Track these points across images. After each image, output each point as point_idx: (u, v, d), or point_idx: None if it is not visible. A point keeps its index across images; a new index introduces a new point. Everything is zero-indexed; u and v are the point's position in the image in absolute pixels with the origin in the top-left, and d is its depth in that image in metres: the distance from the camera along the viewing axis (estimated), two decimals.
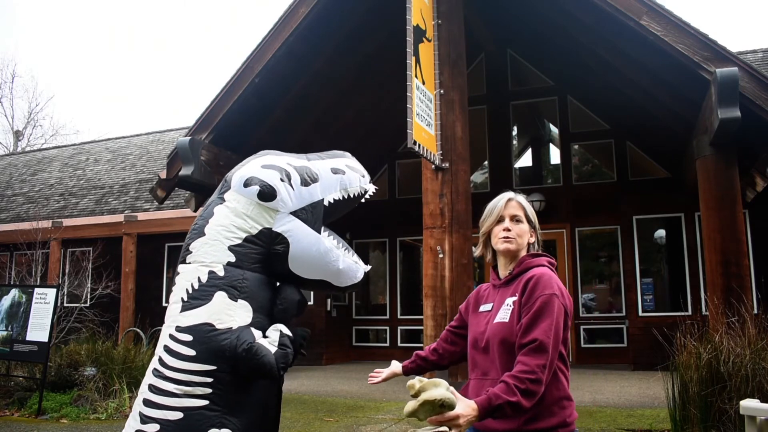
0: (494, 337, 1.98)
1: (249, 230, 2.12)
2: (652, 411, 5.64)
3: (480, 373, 2.03)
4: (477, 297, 2.24)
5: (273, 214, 2.13)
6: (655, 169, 10.26)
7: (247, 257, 2.11)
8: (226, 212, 2.15)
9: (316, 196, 2.21)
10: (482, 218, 2.18)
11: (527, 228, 2.10)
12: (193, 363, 1.99)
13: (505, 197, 2.15)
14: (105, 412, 6.15)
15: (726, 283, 6.16)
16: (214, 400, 1.99)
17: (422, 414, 1.69)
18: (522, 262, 2.07)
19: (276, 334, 2.08)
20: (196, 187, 8.74)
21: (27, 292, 7.05)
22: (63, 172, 16.09)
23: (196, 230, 2.18)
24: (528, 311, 1.90)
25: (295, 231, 2.14)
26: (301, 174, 2.19)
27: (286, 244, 2.14)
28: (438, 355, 2.38)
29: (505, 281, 2.08)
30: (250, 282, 2.10)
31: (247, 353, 1.98)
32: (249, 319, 2.07)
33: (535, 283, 1.94)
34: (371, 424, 5.52)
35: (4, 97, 37.45)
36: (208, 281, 2.07)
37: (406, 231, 11.28)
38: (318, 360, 10.67)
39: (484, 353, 2.02)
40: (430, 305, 7.07)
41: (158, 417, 1.99)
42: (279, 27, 7.98)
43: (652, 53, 6.82)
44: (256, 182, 2.12)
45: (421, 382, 1.71)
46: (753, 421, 2.57)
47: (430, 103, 7.04)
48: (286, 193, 2.13)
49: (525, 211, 2.11)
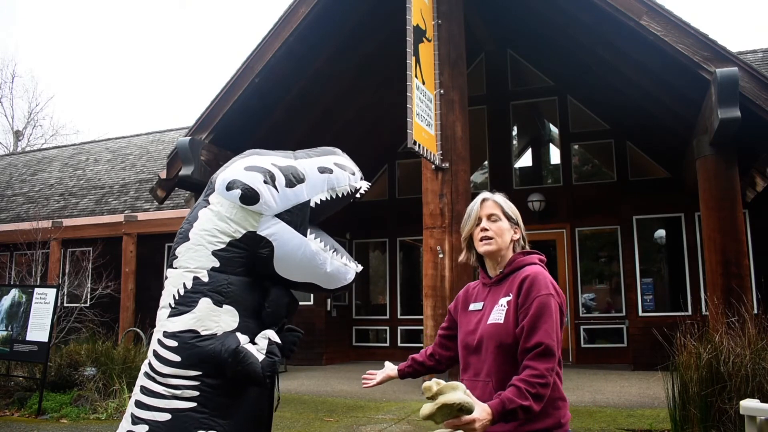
0: (489, 338, 1.96)
1: (233, 234, 2.09)
2: (652, 411, 5.64)
3: (472, 373, 2.02)
4: (466, 295, 2.20)
5: (257, 218, 2.09)
6: (655, 169, 10.25)
7: (231, 262, 2.09)
8: (209, 216, 2.12)
9: (302, 197, 2.15)
10: (462, 222, 2.16)
11: (507, 225, 2.06)
12: (179, 369, 2.01)
13: (480, 198, 2.12)
14: (105, 412, 6.15)
15: (726, 283, 6.16)
16: (202, 402, 2.00)
17: (439, 417, 1.68)
18: (513, 260, 2.05)
19: (264, 342, 2.06)
20: (196, 187, 8.74)
21: (27, 292, 7.05)
22: (63, 172, 16.08)
23: (181, 234, 2.17)
24: (526, 313, 1.89)
25: (280, 234, 2.10)
26: (285, 175, 2.14)
27: (271, 248, 2.10)
28: (435, 361, 2.36)
29: (497, 280, 2.06)
30: (235, 286, 2.08)
31: (233, 359, 1.98)
32: (235, 324, 2.06)
33: (530, 283, 1.92)
34: (371, 424, 5.52)
35: (4, 97, 37.46)
36: (192, 287, 2.06)
37: (406, 231, 11.27)
38: (318, 360, 10.67)
39: (476, 353, 2.01)
40: (430, 305, 7.07)
41: (147, 418, 2.01)
42: (279, 27, 7.99)
43: (652, 53, 6.82)
44: (238, 185, 2.08)
45: (438, 385, 1.69)
46: (753, 421, 2.57)
47: (430, 103, 7.04)
48: (269, 196, 2.09)
49: (502, 208, 2.08)
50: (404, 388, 7.63)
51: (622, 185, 10.38)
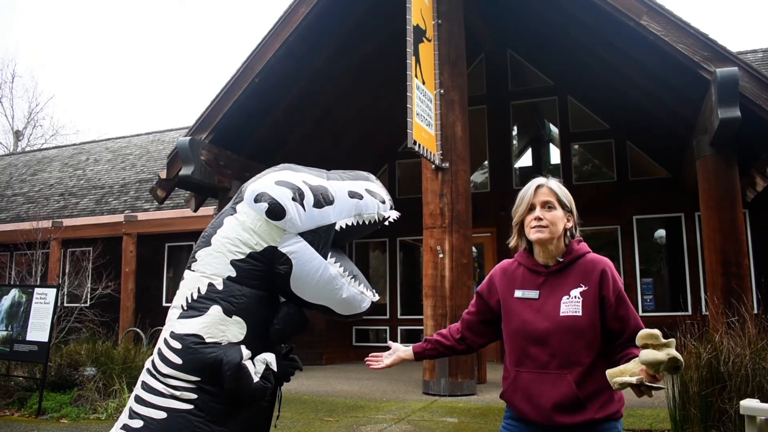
0: (565, 331, 1.91)
1: (254, 246, 2.08)
2: (652, 411, 5.63)
3: (535, 365, 1.94)
4: (506, 280, 2.10)
5: (280, 233, 2.07)
6: (655, 169, 10.25)
7: (248, 273, 2.08)
8: (234, 224, 2.12)
9: (328, 220, 2.12)
10: (514, 207, 2.10)
11: (561, 214, 2.02)
12: (179, 372, 2.01)
13: (535, 184, 2.07)
14: (105, 412, 6.14)
15: (726, 283, 6.16)
16: (199, 406, 2.00)
17: (660, 367, 1.64)
18: (573, 250, 2.02)
19: (261, 367, 2.05)
20: (196, 187, 8.74)
21: (27, 292, 7.05)
22: (63, 172, 16.08)
23: (204, 239, 2.17)
24: (618, 304, 1.94)
25: (300, 253, 2.08)
26: (315, 195, 2.10)
27: (289, 266, 2.07)
28: (466, 345, 2.24)
29: (556, 269, 2.01)
30: (248, 299, 2.07)
31: (231, 372, 1.97)
32: (241, 336, 2.05)
33: (612, 273, 1.97)
34: (371, 424, 5.52)
35: (4, 97, 37.50)
36: (206, 293, 2.06)
37: (406, 231, 11.26)
38: (318, 360, 10.67)
39: (541, 345, 1.93)
40: (430, 305, 7.07)
41: (143, 414, 2.02)
42: (279, 27, 7.99)
43: (652, 53, 6.82)
44: (266, 199, 2.06)
45: (659, 336, 1.67)
46: (753, 421, 2.57)
47: (430, 103, 7.04)
48: (295, 213, 2.06)
49: (557, 195, 2.03)
50: (404, 388, 7.63)
51: (622, 185, 10.38)
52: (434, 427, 5.33)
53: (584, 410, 1.86)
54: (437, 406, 6.30)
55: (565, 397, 1.87)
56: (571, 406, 1.87)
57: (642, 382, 1.65)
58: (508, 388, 2.02)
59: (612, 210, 10.13)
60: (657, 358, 1.62)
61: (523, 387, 1.96)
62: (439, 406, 6.30)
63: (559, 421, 1.88)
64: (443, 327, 6.91)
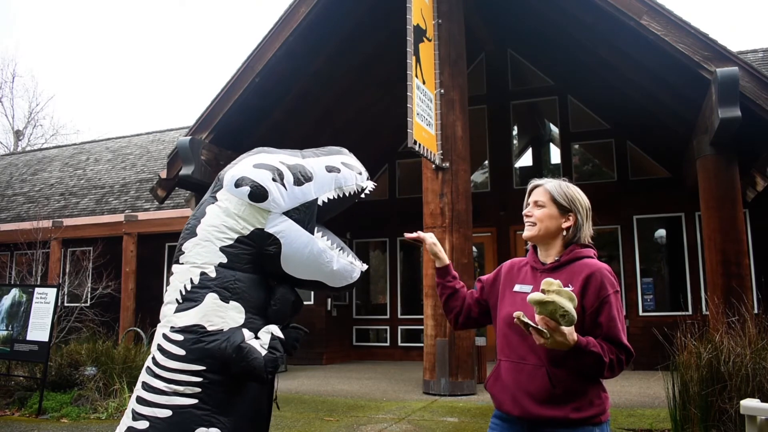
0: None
1: (241, 231, 2.11)
2: (652, 411, 5.64)
3: (516, 356, 1.99)
4: (510, 273, 2.16)
5: (265, 215, 2.11)
6: (655, 168, 10.25)
7: (239, 258, 2.10)
8: (217, 212, 2.14)
9: (310, 196, 2.18)
10: None
11: (553, 212, 2.04)
12: (183, 363, 2.01)
13: (531, 185, 2.16)
14: (105, 411, 6.15)
15: (726, 283, 6.17)
16: (204, 399, 2.00)
17: (540, 309, 1.71)
18: (571, 250, 2.03)
19: (267, 337, 2.07)
20: (197, 187, 8.74)
21: (27, 292, 7.05)
22: (63, 172, 16.09)
23: (188, 230, 2.17)
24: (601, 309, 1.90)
25: (288, 232, 2.12)
26: (294, 173, 2.16)
27: (278, 245, 2.11)
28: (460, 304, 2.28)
29: (551, 267, 2.03)
30: (242, 283, 2.09)
31: (237, 354, 1.98)
32: (241, 320, 2.07)
33: (601, 279, 1.92)
34: (371, 424, 5.52)
35: (4, 96, 37.40)
36: (199, 283, 2.07)
37: (407, 230, 11.22)
38: (318, 359, 10.67)
39: (521, 337, 1.97)
40: (430, 305, 7.08)
41: (148, 414, 2.01)
42: (279, 27, 7.99)
43: (652, 53, 6.82)
44: (247, 182, 2.09)
45: (559, 287, 1.73)
46: (753, 421, 2.57)
47: (431, 103, 7.04)
48: (278, 194, 2.10)
49: (551, 195, 2.06)
50: (404, 387, 7.64)
51: (623, 185, 10.38)
52: (434, 427, 5.33)
53: (558, 406, 1.88)
54: (437, 406, 6.31)
55: (539, 390, 1.90)
56: (544, 399, 1.89)
57: (528, 321, 1.74)
58: (490, 377, 2.08)
59: (612, 210, 10.13)
60: (541, 298, 1.71)
61: (503, 377, 2.01)
62: (440, 406, 6.30)
63: (532, 412, 1.90)
64: (443, 326, 6.94)
